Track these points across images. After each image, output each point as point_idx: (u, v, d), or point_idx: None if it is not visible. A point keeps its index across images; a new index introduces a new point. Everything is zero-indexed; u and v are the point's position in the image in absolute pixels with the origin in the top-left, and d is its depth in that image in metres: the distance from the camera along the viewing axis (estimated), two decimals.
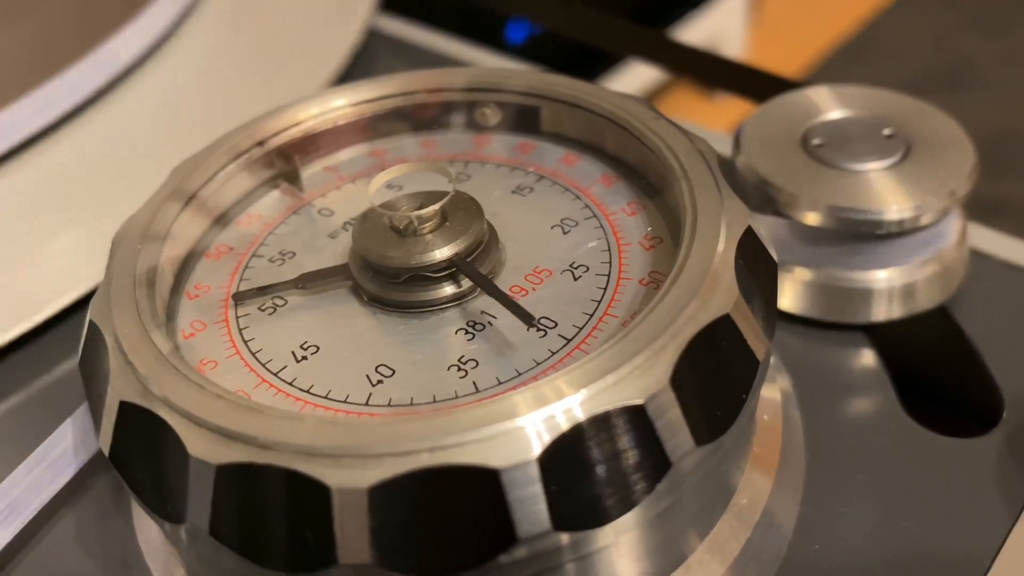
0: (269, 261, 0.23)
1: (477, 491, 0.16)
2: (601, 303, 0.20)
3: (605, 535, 0.17)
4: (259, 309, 0.22)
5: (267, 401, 0.19)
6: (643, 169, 0.23)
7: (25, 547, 0.23)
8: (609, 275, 0.21)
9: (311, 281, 0.22)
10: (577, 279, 0.21)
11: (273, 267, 0.23)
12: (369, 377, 0.19)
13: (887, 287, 0.26)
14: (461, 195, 0.22)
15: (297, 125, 0.25)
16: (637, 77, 1.05)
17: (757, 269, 0.20)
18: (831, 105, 0.27)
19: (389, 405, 0.19)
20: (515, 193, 0.24)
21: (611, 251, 0.21)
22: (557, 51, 0.90)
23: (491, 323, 0.20)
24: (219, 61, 0.38)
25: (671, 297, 0.18)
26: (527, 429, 0.16)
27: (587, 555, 0.18)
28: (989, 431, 0.23)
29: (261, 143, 0.24)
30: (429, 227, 0.21)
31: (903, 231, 0.25)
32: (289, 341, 0.21)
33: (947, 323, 0.26)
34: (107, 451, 0.19)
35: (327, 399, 0.19)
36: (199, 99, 0.35)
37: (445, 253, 0.21)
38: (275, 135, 0.25)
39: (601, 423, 0.16)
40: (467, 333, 0.20)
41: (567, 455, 0.16)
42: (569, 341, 0.19)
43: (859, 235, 0.25)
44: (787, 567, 0.21)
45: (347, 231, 0.23)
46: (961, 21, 1.38)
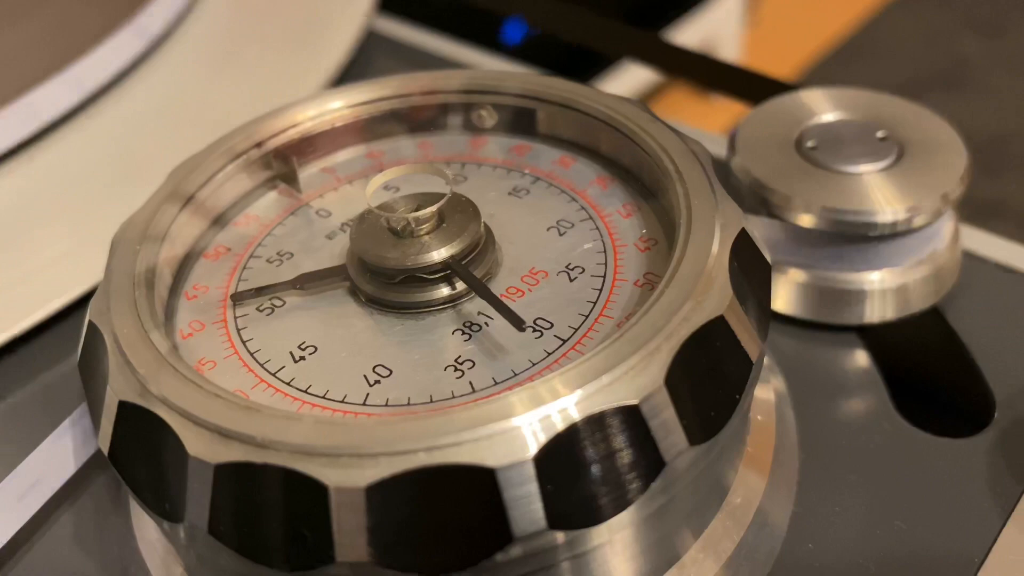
0: (267, 262, 0.23)
1: (473, 490, 0.16)
2: (596, 304, 0.20)
3: (600, 534, 0.17)
4: (257, 309, 0.22)
5: (265, 401, 0.19)
6: (638, 171, 0.23)
7: (24, 546, 0.23)
8: (604, 276, 0.21)
9: (309, 282, 0.22)
10: (573, 280, 0.21)
11: (271, 268, 0.23)
12: (367, 377, 0.20)
13: (880, 288, 0.26)
14: (458, 197, 0.22)
15: (295, 127, 0.25)
16: (634, 77, 1.05)
17: (751, 271, 0.20)
18: (825, 107, 0.28)
19: (386, 405, 0.19)
20: (511, 195, 0.24)
21: (606, 253, 0.22)
22: (554, 52, 0.91)
23: (487, 324, 0.20)
24: (217, 62, 0.38)
25: (666, 298, 0.18)
26: (523, 429, 0.16)
27: (582, 554, 0.18)
28: (980, 431, 0.24)
29: (259, 144, 0.25)
30: (426, 229, 0.21)
31: (896, 233, 0.25)
32: (287, 341, 0.21)
33: (940, 324, 0.26)
34: (106, 451, 0.19)
35: (325, 399, 0.19)
36: (197, 100, 0.36)
37: (440, 255, 0.21)
38: (273, 136, 0.25)
39: (596, 423, 0.17)
40: (464, 334, 0.20)
41: (562, 455, 0.16)
42: (565, 342, 0.20)
43: (852, 237, 0.25)
44: (780, 566, 0.21)
45: (344, 232, 0.24)
46: (956, 22, 1.38)
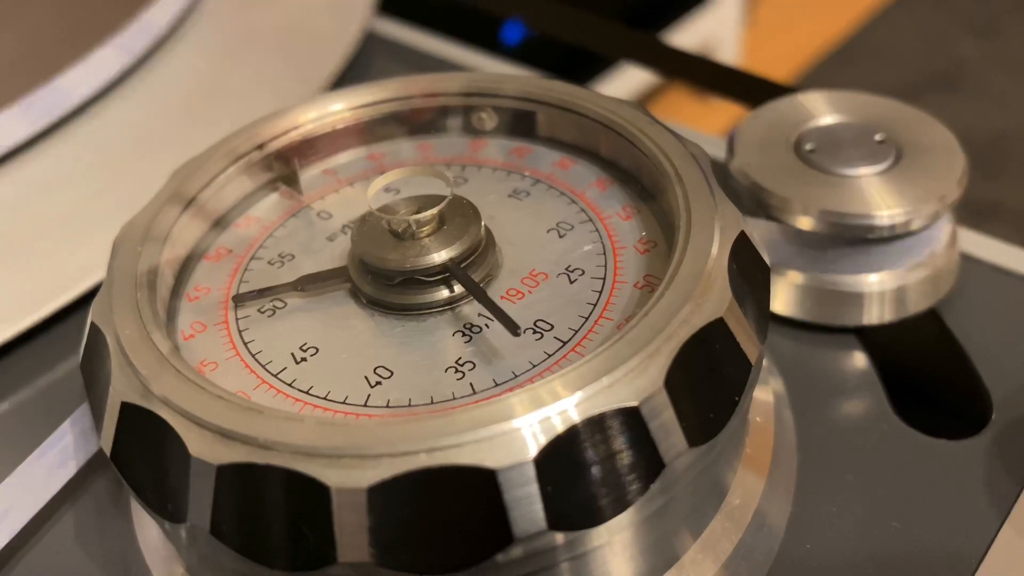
0: (268, 263, 0.23)
1: (474, 491, 0.16)
2: (596, 306, 0.20)
3: (600, 535, 0.18)
4: (259, 311, 0.22)
5: (267, 402, 0.19)
6: (637, 173, 0.23)
7: (25, 546, 0.23)
8: (604, 278, 0.21)
9: (310, 283, 0.22)
10: (573, 282, 0.21)
11: (272, 269, 0.23)
12: (368, 378, 0.20)
13: (878, 290, 0.26)
14: (459, 199, 0.22)
15: (296, 128, 0.25)
16: (633, 78, 1.05)
17: (750, 273, 0.20)
18: (823, 110, 0.28)
19: (387, 406, 0.19)
20: (511, 197, 0.24)
21: (606, 255, 0.22)
22: (553, 53, 0.91)
23: (488, 326, 0.21)
24: (217, 63, 0.38)
25: (665, 300, 0.18)
26: (523, 430, 0.16)
27: (582, 554, 0.18)
28: (978, 433, 0.24)
29: (260, 146, 0.25)
30: (427, 231, 0.21)
31: (894, 235, 0.25)
32: (289, 343, 0.21)
33: (937, 326, 0.26)
34: (108, 451, 0.19)
35: (326, 400, 0.19)
36: (197, 101, 0.36)
37: (439, 258, 0.21)
38: (274, 138, 0.25)
39: (596, 425, 0.17)
40: (464, 335, 0.20)
41: (563, 456, 0.16)
42: (565, 344, 0.20)
43: (851, 239, 0.25)
44: (778, 566, 0.21)
45: (345, 234, 0.24)
46: (954, 24, 1.39)
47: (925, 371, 0.26)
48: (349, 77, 0.38)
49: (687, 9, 1.13)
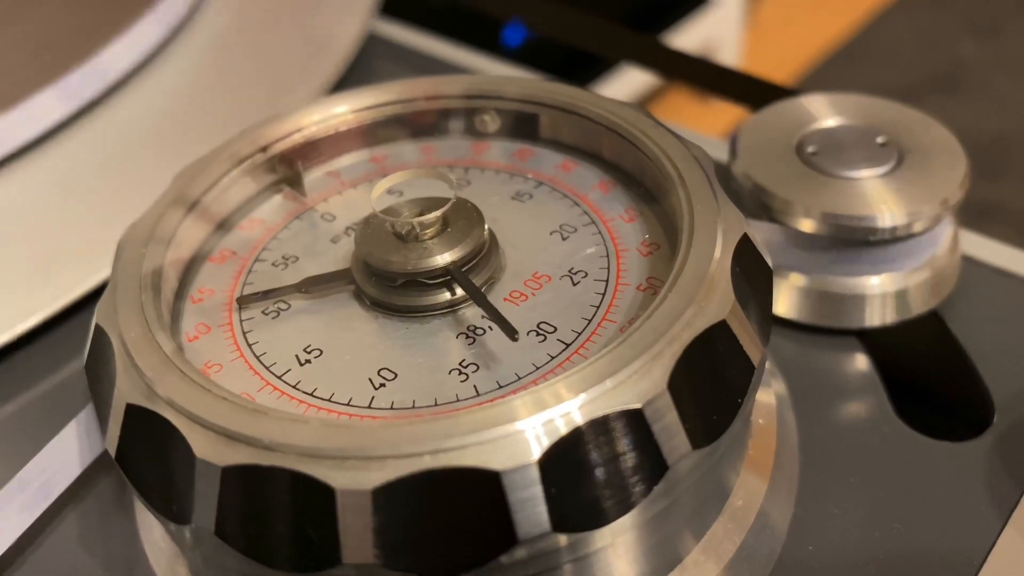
0: (272, 265, 0.23)
1: (478, 493, 0.16)
2: (599, 308, 0.21)
3: (603, 536, 0.18)
4: (263, 313, 0.22)
5: (271, 404, 0.20)
6: (640, 176, 0.24)
7: (29, 547, 0.23)
8: (607, 281, 0.21)
9: (314, 285, 0.22)
10: (576, 284, 0.21)
11: (276, 271, 0.23)
12: (372, 380, 0.20)
13: (880, 293, 0.26)
14: (463, 202, 0.22)
15: (299, 131, 0.25)
16: (635, 79, 1.05)
17: (753, 276, 0.20)
18: (825, 113, 0.28)
19: (392, 408, 0.19)
20: (514, 199, 0.24)
21: (609, 257, 0.22)
22: (555, 54, 0.91)
23: (491, 328, 0.21)
24: (219, 66, 0.38)
25: (668, 303, 0.18)
26: (527, 433, 0.16)
27: (585, 556, 0.18)
28: (979, 435, 0.24)
29: (264, 149, 0.25)
30: (430, 233, 0.21)
31: (896, 238, 0.25)
32: (293, 344, 0.21)
33: (939, 328, 0.26)
34: (114, 453, 0.19)
35: (330, 402, 0.19)
36: (200, 103, 0.36)
37: (443, 260, 0.21)
38: (278, 141, 0.25)
39: (599, 427, 0.17)
40: (468, 337, 0.20)
41: (566, 458, 0.17)
42: (568, 346, 0.20)
43: (853, 242, 0.25)
44: (781, 568, 0.21)
45: (349, 236, 0.24)
46: (955, 25, 1.39)
47: (927, 373, 0.26)
48: (351, 79, 0.38)
49: (688, 10, 1.13)
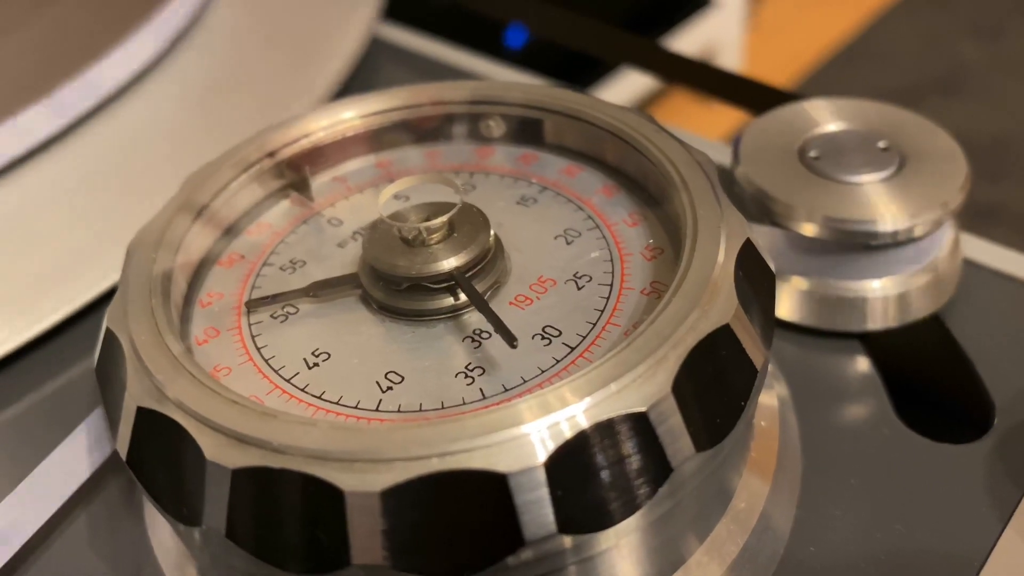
0: (280, 269, 0.23)
1: (485, 495, 0.16)
2: (604, 312, 0.21)
3: (608, 538, 0.18)
4: (271, 317, 0.22)
5: (279, 407, 0.20)
6: (643, 180, 0.24)
7: (39, 548, 0.24)
8: (612, 285, 0.21)
9: (322, 289, 0.22)
10: (580, 289, 0.21)
11: (284, 275, 0.23)
12: (379, 383, 0.20)
13: (882, 296, 0.26)
14: (468, 207, 0.22)
15: (306, 137, 0.25)
16: (638, 81, 1.05)
17: (756, 280, 0.20)
18: (827, 117, 0.28)
19: (399, 411, 0.19)
20: (519, 204, 0.24)
21: (613, 261, 0.22)
22: (557, 57, 0.91)
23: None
24: (226, 71, 0.38)
25: (672, 307, 0.18)
26: (533, 436, 0.17)
27: (590, 557, 0.18)
28: (980, 437, 0.24)
29: (271, 154, 0.25)
30: (437, 238, 0.22)
31: (897, 242, 0.25)
32: (301, 348, 0.21)
33: (940, 331, 0.27)
34: (124, 455, 0.19)
35: (338, 405, 0.20)
36: (208, 109, 0.36)
37: (447, 265, 0.21)
38: (285, 146, 0.25)
39: (604, 430, 0.17)
40: (474, 341, 0.21)
41: (572, 461, 0.17)
42: (573, 350, 0.20)
43: (854, 246, 0.26)
44: (783, 569, 0.22)
45: (356, 240, 0.24)
46: (957, 26, 1.39)
47: (928, 376, 0.26)
48: (354, 83, 0.39)
49: (690, 13, 1.13)
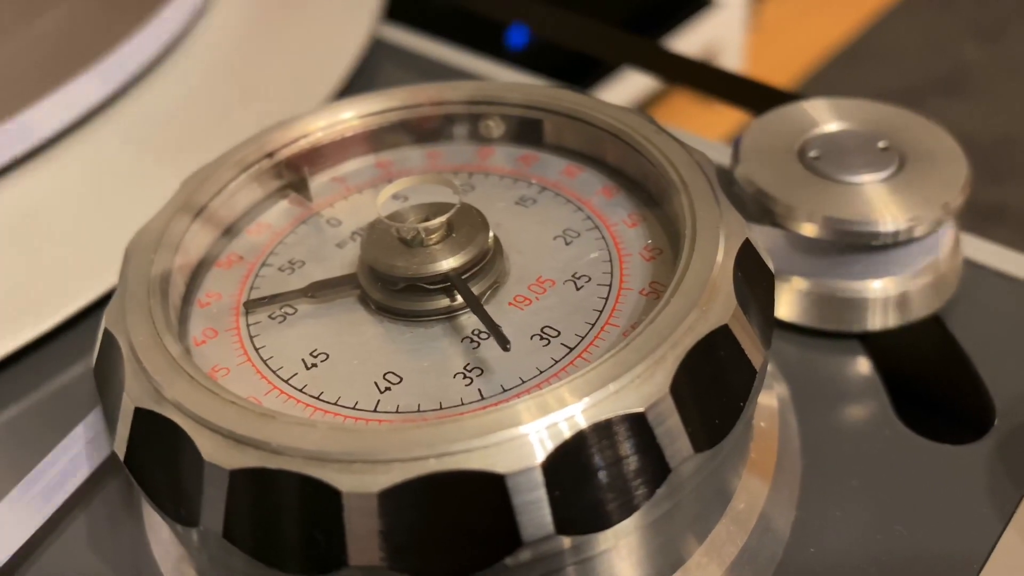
0: (278, 270, 0.23)
1: (483, 496, 0.16)
2: (603, 313, 0.21)
3: (606, 539, 0.18)
4: (269, 317, 0.22)
5: (278, 408, 0.20)
6: (643, 181, 0.24)
7: (37, 549, 0.24)
8: (610, 285, 0.21)
9: (320, 290, 0.22)
10: (579, 289, 0.21)
11: (282, 276, 0.23)
12: (377, 384, 0.20)
13: (882, 296, 0.26)
14: (467, 207, 0.22)
15: (305, 137, 0.25)
16: (639, 81, 1.05)
17: (755, 280, 0.20)
18: (828, 118, 0.28)
19: (397, 412, 0.19)
20: (518, 204, 0.24)
21: (612, 262, 0.22)
22: (558, 57, 0.91)
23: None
24: (225, 72, 0.38)
25: (671, 308, 0.18)
26: (531, 436, 0.17)
27: (588, 558, 0.18)
28: (981, 438, 0.24)
29: (270, 155, 0.25)
30: (435, 238, 0.21)
31: (898, 242, 0.25)
32: (299, 349, 0.21)
33: (940, 332, 0.27)
34: (122, 456, 0.19)
35: (336, 406, 0.20)
36: (207, 109, 0.36)
37: (444, 266, 0.21)
38: (284, 147, 0.25)
39: (603, 430, 0.17)
40: (472, 342, 0.21)
41: (570, 461, 0.17)
42: (571, 350, 0.20)
43: (855, 246, 0.26)
44: (783, 570, 0.22)
45: (354, 241, 0.24)
46: (959, 27, 1.39)
47: (928, 376, 0.26)
48: (356, 83, 0.39)
49: (691, 13, 1.13)
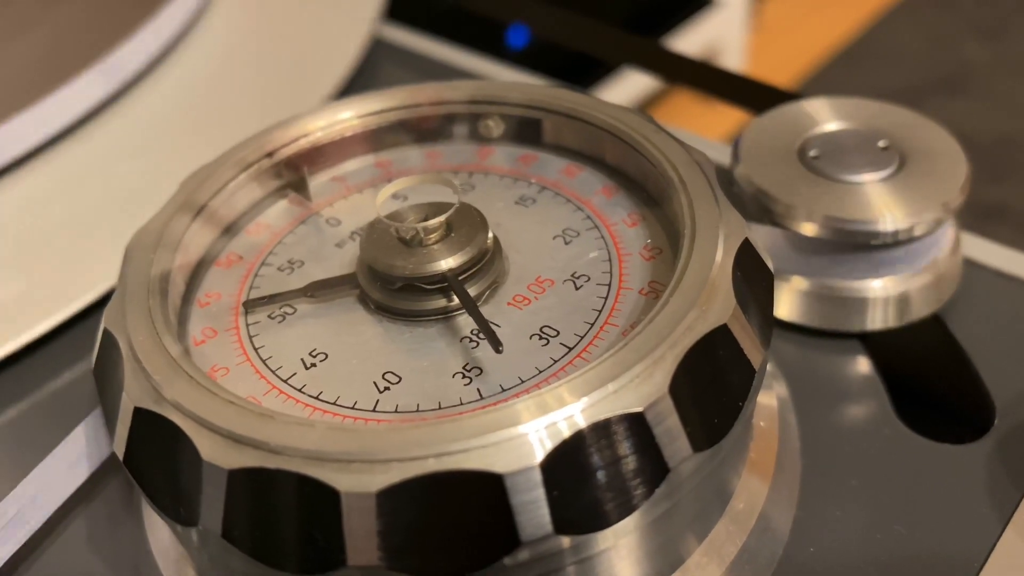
0: (278, 270, 0.23)
1: (482, 495, 0.16)
2: (602, 312, 0.21)
3: (605, 538, 0.18)
4: (269, 317, 0.22)
5: (277, 407, 0.20)
6: (643, 181, 0.24)
7: (38, 549, 0.24)
8: (610, 285, 0.21)
9: (320, 290, 0.22)
10: (579, 289, 0.21)
11: (282, 275, 0.23)
12: (376, 384, 0.20)
13: (882, 296, 0.26)
14: (467, 207, 0.22)
15: (305, 136, 0.25)
16: (640, 81, 1.05)
17: (754, 280, 0.20)
18: (827, 117, 0.28)
19: (396, 411, 0.19)
20: (518, 204, 0.24)
21: (612, 261, 0.22)
22: (559, 57, 0.91)
23: (494, 332, 0.21)
24: (225, 71, 0.38)
25: (670, 307, 0.18)
26: (530, 436, 0.17)
27: (588, 558, 0.18)
28: (980, 437, 0.24)
29: (270, 154, 0.25)
30: (434, 238, 0.21)
31: (898, 241, 0.25)
32: (298, 348, 0.21)
33: (940, 331, 0.27)
34: (122, 456, 0.19)
35: (335, 405, 0.20)
36: (207, 109, 0.36)
37: (438, 266, 0.21)
38: (283, 146, 0.25)
39: (601, 430, 0.17)
40: (471, 342, 0.21)
41: (569, 461, 0.17)
42: (571, 350, 0.20)
43: (855, 245, 0.26)
44: (782, 570, 0.22)
45: (354, 240, 0.24)
46: (960, 26, 1.39)
47: (928, 376, 0.26)
48: (356, 83, 0.39)
49: (692, 13, 1.13)
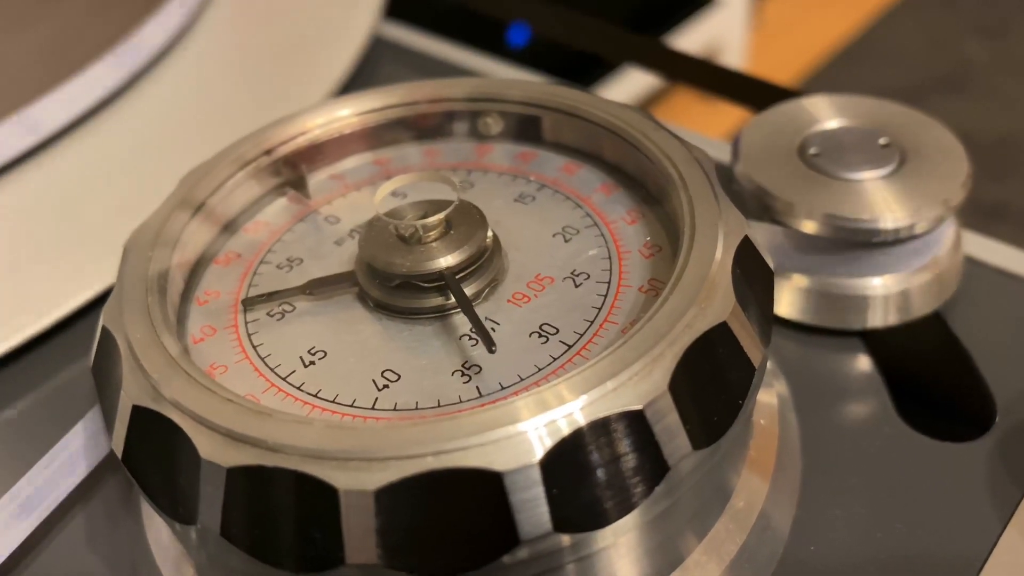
0: (277, 267, 0.23)
1: (481, 494, 0.16)
2: (601, 310, 0.21)
3: (605, 537, 0.18)
4: (268, 315, 0.22)
5: (276, 405, 0.20)
6: (642, 178, 0.24)
7: (36, 548, 0.23)
8: (609, 282, 0.21)
9: (319, 287, 0.22)
10: (578, 286, 0.21)
11: (281, 273, 0.23)
12: (375, 382, 0.20)
13: (883, 294, 0.26)
14: (466, 205, 0.22)
15: (304, 134, 0.25)
16: (641, 79, 1.05)
17: (754, 277, 0.20)
18: (828, 114, 0.28)
19: (395, 409, 0.19)
20: (517, 201, 0.24)
21: (611, 259, 0.22)
22: (560, 55, 0.91)
23: (494, 330, 0.21)
24: (225, 69, 0.38)
25: (670, 305, 0.18)
26: (529, 434, 0.17)
27: (587, 556, 0.18)
28: (982, 436, 0.24)
29: (268, 152, 0.25)
30: (433, 236, 0.21)
31: (898, 239, 0.25)
32: (297, 346, 0.21)
33: (941, 329, 0.27)
34: (120, 454, 0.19)
35: (334, 403, 0.20)
36: (206, 107, 0.36)
37: (435, 264, 0.21)
38: (282, 144, 0.25)
39: (601, 428, 0.17)
40: (470, 339, 0.21)
41: (568, 459, 0.17)
42: (570, 347, 0.20)
43: (855, 243, 0.25)
44: (782, 568, 0.22)
45: (352, 238, 0.24)
46: (961, 25, 1.39)
47: (929, 374, 0.26)
48: (356, 81, 0.38)
49: (693, 11, 1.13)
